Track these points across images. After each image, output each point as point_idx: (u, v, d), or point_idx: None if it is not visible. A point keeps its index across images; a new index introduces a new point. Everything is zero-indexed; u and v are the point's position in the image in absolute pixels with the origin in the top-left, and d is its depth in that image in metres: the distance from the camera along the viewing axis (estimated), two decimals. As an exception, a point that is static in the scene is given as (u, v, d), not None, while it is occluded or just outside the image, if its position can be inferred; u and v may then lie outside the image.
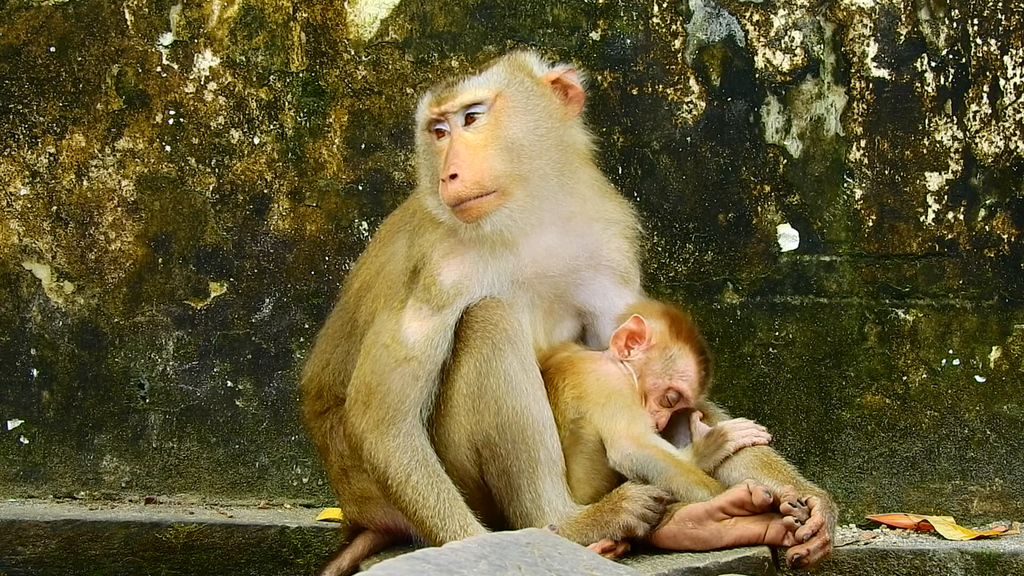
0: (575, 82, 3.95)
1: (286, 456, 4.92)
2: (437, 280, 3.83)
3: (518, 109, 3.86)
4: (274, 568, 4.56)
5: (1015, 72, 4.68)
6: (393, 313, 3.87)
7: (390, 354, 3.82)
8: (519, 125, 3.84)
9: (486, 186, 3.78)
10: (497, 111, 3.84)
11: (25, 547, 4.58)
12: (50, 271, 5.00)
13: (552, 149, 3.88)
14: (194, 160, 4.94)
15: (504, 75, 3.90)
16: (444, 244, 3.87)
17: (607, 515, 3.71)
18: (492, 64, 3.95)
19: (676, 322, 4.01)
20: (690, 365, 3.97)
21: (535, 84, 3.91)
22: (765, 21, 4.74)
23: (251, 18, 4.92)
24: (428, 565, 3.03)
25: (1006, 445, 4.68)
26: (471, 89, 3.86)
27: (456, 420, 3.79)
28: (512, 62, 3.95)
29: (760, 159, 4.75)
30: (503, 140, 3.82)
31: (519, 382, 3.76)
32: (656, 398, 3.95)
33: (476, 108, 3.84)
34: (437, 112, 3.87)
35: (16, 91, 4.99)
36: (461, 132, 3.84)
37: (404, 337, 3.81)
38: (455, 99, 3.85)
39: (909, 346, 4.70)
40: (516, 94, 3.87)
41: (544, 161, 3.86)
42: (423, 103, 3.94)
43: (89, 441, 4.98)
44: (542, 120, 3.87)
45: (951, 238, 4.70)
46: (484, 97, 3.84)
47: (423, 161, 3.98)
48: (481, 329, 3.79)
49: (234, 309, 4.94)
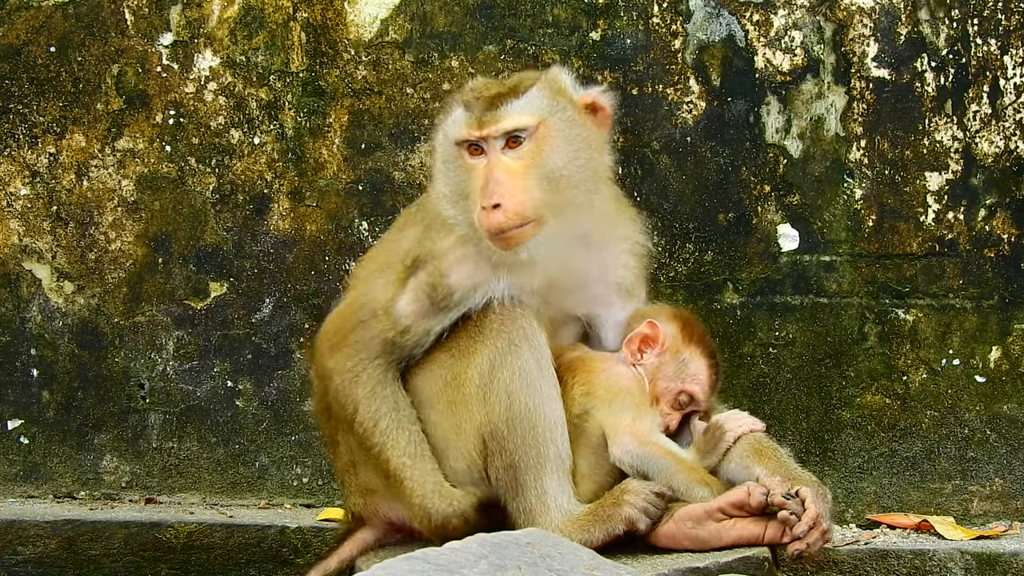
0: (607, 105, 3.91)
1: (286, 456, 4.92)
2: (445, 283, 3.85)
3: (560, 138, 3.80)
4: (274, 568, 4.56)
5: (1015, 72, 4.68)
6: (390, 286, 3.90)
7: (379, 325, 3.87)
8: (561, 154, 3.79)
9: (527, 216, 3.75)
10: (539, 139, 3.78)
11: (25, 547, 4.58)
12: (50, 271, 5.00)
13: (588, 178, 3.85)
14: (194, 160, 4.94)
15: (546, 100, 3.82)
16: (458, 251, 3.87)
17: (609, 509, 3.72)
18: (530, 83, 3.84)
19: (688, 326, 4.03)
20: (702, 368, 4.00)
21: (574, 110, 3.85)
22: (765, 21, 4.74)
23: (251, 18, 4.92)
24: (428, 565, 3.03)
25: (1006, 445, 4.68)
26: (515, 115, 3.78)
27: (467, 408, 3.82)
28: (551, 84, 3.87)
29: (760, 159, 4.75)
30: (544, 169, 3.77)
31: (533, 379, 3.78)
32: (668, 402, 3.97)
33: (519, 133, 3.78)
34: (477, 135, 3.78)
35: (16, 91, 4.99)
36: (500, 156, 3.77)
37: (400, 320, 3.86)
38: (498, 124, 3.76)
39: (909, 346, 4.70)
40: (558, 122, 3.80)
41: (580, 190, 3.83)
42: (457, 120, 3.84)
43: (89, 441, 4.98)
44: (581, 149, 3.83)
45: (951, 238, 4.70)
46: (528, 124, 3.77)
47: (446, 171, 3.90)
48: (499, 323, 3.81)
49: (234, 309, 4.94)
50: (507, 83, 3.87)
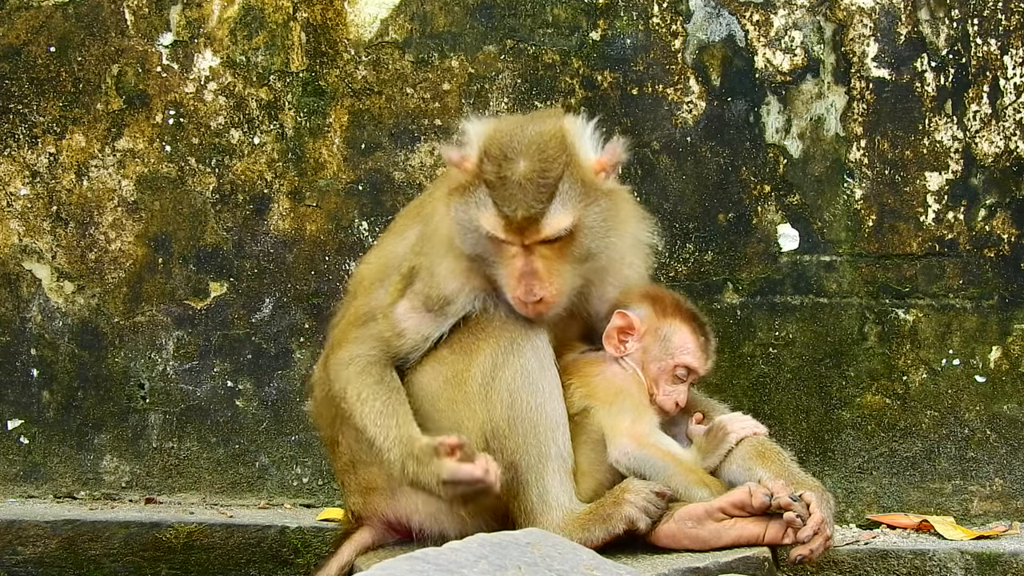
0: (621, 159, 3.84)
1: (286, 456, 4.92)
2: (441, 293, 3.86)
3: (592, 228, 3.77)
4: (274, 568, 4.56)
5: (1015, 72, 4.68)
6: (389, 296, 3.91)
7: (380, 328, 3.90)
8: (593, 241, 3.78)
9: (563, 296, 3.78)
10: (574, 232, 3.74)
11: (25, 547, 4.58)
12: (50, 271, 5.00)
13: (612, 243, 3.86)
14: (194, 160, 4.94)
15: (578, 191, 3.72)
16: (453, 264, 3.86)
17: (609, 508, 3.72)
18: (559, 171, 3.70)
19: (658, 301, 4.00)
20: (686, 336, 3.97)
21: (598, 188, 3.77)
22: (765, 21, 4.74)
23: (251, 18, 4.92)
24: (428, 565, 3.03)
25: (1006, 445, 4.68)
26: (554, 222, 3.69)
27: (469, 407, 3.82)
28: (573, 167, 3.74)
29: (760, 159, 4.75)
30: (578, 256, 3.77)
31: (536, 378, 3.78)
32: (666, 379, 3.95)
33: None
34: (518, 242, 3.71)
35: (16, 91, 4.99)
36: (535, 248, 3.72)
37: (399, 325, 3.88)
38: (539, 235, 3.70)
39: (909, 346, 4.70)
40: (590, 215, 3.76)
41: (606, 255, 3.87)
42: (487, 212, 3.70)
43: (89, 441, 4.98)
44: (610, 225, 3.81)
45: (951, 238, 4.70)
46: (566, 228, 3.71)
47: (465, 236, 3.79)
48: (501, 322, 3.82)
49: (234, 309, 4.94)
50: (540, 177, 3.70)
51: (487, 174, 3.73)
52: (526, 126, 3.80)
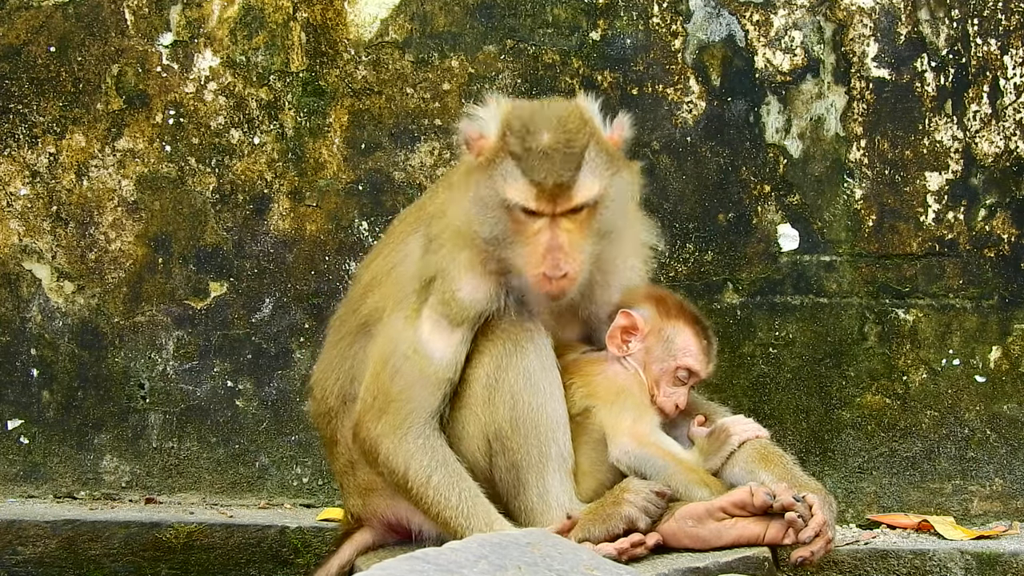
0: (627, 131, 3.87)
1: (286, 456, 4.92)
2: (457, 297, 3.83)
3: (614, 200, 3.78)
4: (274, 568, 4.56)
5: (1015, 72, 4.68)
6: (409, 322, 3.86)
7: (412, 365, 3.82)
8: (614, 212, 3.78)
9: (583, 274, 3.77)
10: (598, 203, 3.75)
11: (25, 547, 4.58)
12: (50, 271, 5.00)
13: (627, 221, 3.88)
14: (194, 160, 4.94)
15: (602, 161, 3.74)
16: (468, 265, 3.85)
17: (609, 508, 3.73)
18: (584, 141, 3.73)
19: (663, 302, 4.00)
20: (689, 339, 3.97)
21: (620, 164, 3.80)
22: (765, 21, 4.74)
23: (251, 18, 4.92)
24: (428, 565, 3.03)
25: (1006, 445, 4.68)
26: (585, 190, 3.70)
27: (471, 411, 3.82)
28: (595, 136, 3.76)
29: (760, 159, 4.75)
30: (597, 231, 3.77)
31: (538, 379, 3.79)
32: (668, 381, 3.96)
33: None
34: (549, 211, 3.70)
35: (16, 91, 4.99)
36: (560, 221, 3.72)
37: (428, 352, 3.81)
38: (570, 202, 3.69)
39: (909, 346, 4.70)
40: (615, 184, 3.77)
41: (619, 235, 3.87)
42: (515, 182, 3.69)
43: (89, 441, 4.98)
44: (626, 199, 3.83)
45: (951, 238, 4.70)
46: (595, 197, 3.72)
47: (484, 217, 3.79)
48: (504, 325, 3.82)
49: (234, 309, 4.94)
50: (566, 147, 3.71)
51: (512, 146, 3.72)
52: (543, 104, 3.84)
